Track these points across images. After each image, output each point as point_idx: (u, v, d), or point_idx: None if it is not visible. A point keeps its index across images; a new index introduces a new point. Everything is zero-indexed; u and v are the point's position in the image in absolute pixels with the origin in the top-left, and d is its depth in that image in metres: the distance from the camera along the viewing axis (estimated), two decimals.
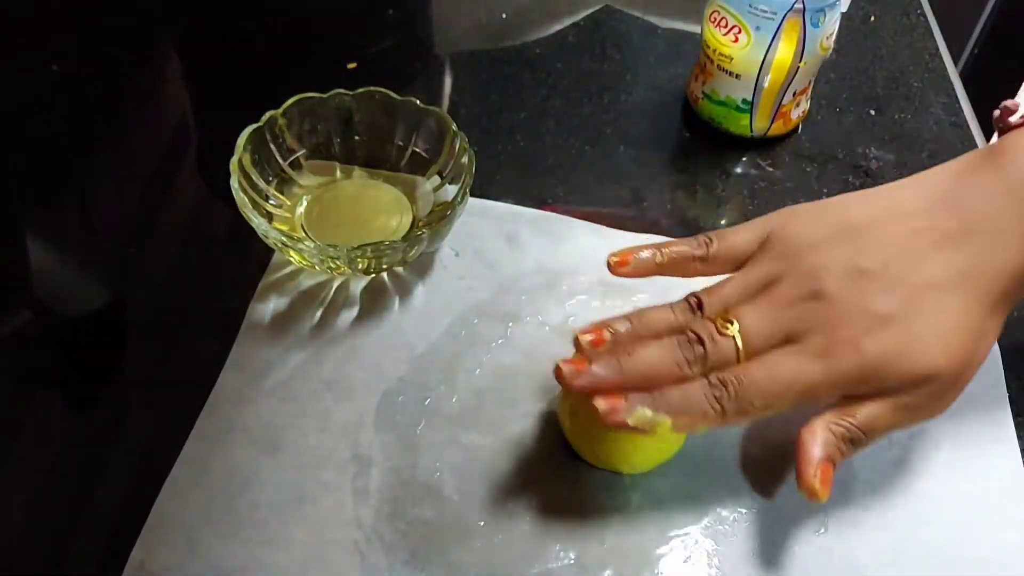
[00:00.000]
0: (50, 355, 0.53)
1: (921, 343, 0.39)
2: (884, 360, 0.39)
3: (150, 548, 0.44)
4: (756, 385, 0.39)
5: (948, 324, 0.39)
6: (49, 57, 0.64)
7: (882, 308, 0.39)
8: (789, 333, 0.40)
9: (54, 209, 0.61)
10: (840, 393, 0.41)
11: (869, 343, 0.39)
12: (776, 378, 0.40)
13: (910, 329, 0.39)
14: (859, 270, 0.40)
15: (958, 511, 0.46)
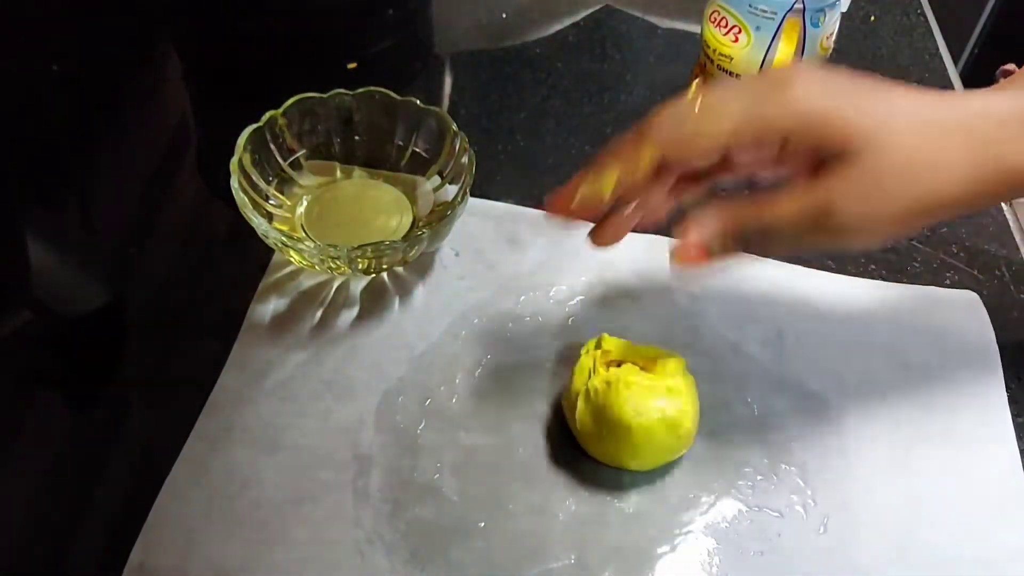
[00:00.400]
0: (50, 355, 0.53)
1: (862, 109, 0.38)
2: (811, 116, 0.38)
3: (150, 548, 0.44)
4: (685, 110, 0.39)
5: (894, 106, 0.39)
6: (49, 57, 0.64)
7: (839, 81, 0.39)
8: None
9: (54, 209, 0.61)
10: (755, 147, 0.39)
11: (801, 95, 0.38)
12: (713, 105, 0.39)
13: (858, 94, 0.39)
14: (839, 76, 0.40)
15: (958, 511, 0.46)
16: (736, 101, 0.39)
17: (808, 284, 0.55)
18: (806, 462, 0.48)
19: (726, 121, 0.38)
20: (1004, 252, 0.58)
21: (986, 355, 0.52)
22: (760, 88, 0.39)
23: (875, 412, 0.50)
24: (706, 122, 0.39)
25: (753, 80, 0.41)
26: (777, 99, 0.38)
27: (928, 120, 0.38)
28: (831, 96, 0.38)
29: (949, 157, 0.38)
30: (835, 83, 0.39)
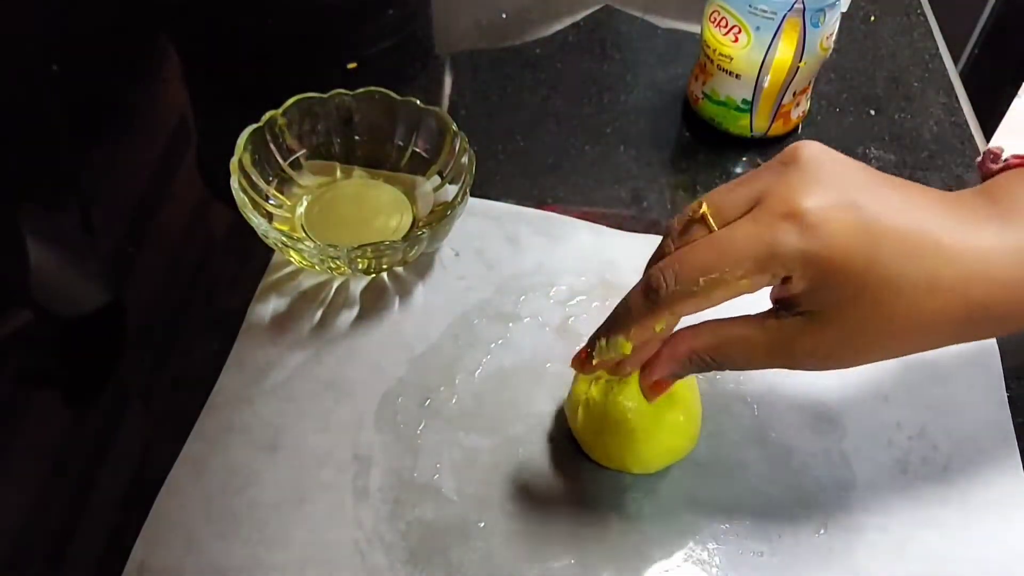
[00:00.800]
0: (50, 355, 0.53)
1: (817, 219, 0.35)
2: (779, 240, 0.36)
3: (150, 547, 0.44)
4: (697, 258, 0.37)
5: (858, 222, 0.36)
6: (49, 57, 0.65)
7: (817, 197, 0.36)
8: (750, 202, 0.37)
9: (54, 209, 0.61)
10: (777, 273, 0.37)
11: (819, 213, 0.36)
12: (712, 252, 0.37)
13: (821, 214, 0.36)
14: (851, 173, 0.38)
15: (958, 512, 0.46)
16: (748, 239, 0.36)
17: None
18: (806, 462, 0.48)
19: (740, 270, 0.36)
20: None
21: (986, 356, 0.52)
22: (772, 218, 0.36)
23: (875, 412, 0.50)
24: (721, 276, 0.36)
25: (763, 201, 0.36)
26: (793, 238, 0.35)
27: (931, 276, 0.36)
28: (851, 238, 0.35)
29: (938, 320, 0.37)
30: (855, 213, 0.36)
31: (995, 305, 0.37)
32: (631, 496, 0.46)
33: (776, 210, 0.36)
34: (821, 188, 0.36)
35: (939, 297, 0.36)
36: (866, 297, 0.36)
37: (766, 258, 0.36)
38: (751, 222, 0.36)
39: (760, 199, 0.37)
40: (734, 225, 0.37)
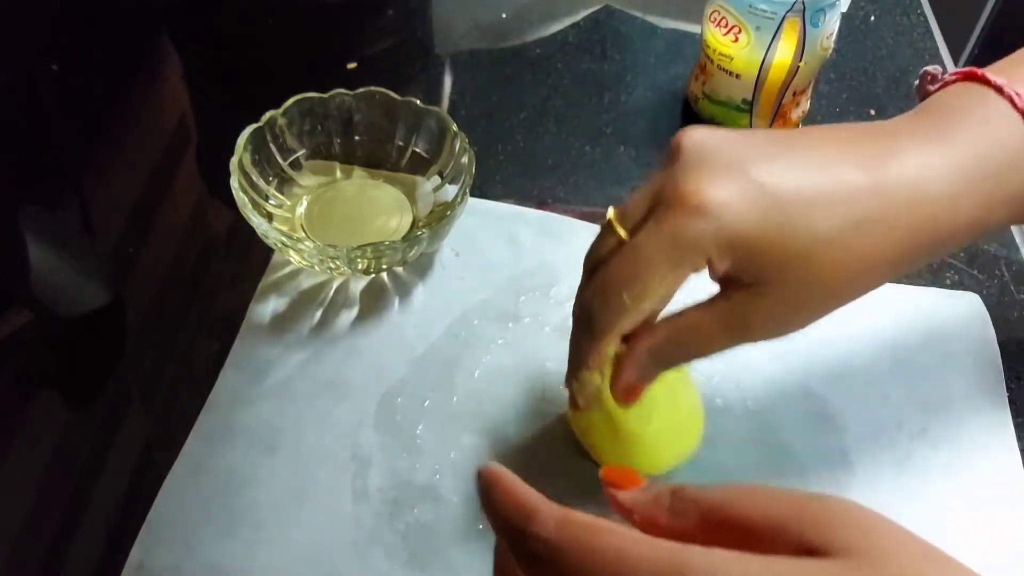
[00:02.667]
0: (50, 355, 0.53)
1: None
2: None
3: (149, 547, 0.44)
4: (612, 280, 0.37)
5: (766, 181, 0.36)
6: (49, 57, 0.65)
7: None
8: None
9: (54, 209, 0.61)
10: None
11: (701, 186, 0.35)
12: (626, 265, 0.37)
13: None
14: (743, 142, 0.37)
15: (958, 512, 0.46)
16: (655, 242, 0.36)
17: None
18: (806, 463, 0.47)
19: (658, 275, 0.36)
20: (1004, 252, 0.58)
21: (986, 356, 0.52)
22: (671, 214, 0.36)
23: (876, 412, 0.50)
24: (644, 286, 0.36)
25: (659, 201, 0.36)
26: (696, 227, 0.35)
27: (855, 219, 0.36)
28: (752, 211, 0.35)
29: (876, 256, 0.37)
30: (749, 186, 0.35)
31: (941, 224, 0.37)
32: None
33: (672, 205, 0.36)
34: (709, 172, 0.36)
35: (869, 235, 0.36)
36: (796, 260, 0.36)
37: (678, 254, 0.36)
38: (653, 224, 0.36)
39: (656, 198, 0.37)
40: (639, 232, 0.37)
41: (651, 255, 0.36)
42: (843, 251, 0.36)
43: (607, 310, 0.38)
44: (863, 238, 0.36)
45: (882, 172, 0.36)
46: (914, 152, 0.37)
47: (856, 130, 0.39)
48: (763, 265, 0.36)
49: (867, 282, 0.38)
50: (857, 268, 0.37)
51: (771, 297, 0.37)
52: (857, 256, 0.36)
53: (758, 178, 0.36)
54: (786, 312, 0.38)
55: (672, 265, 0.36)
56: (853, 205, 0.36)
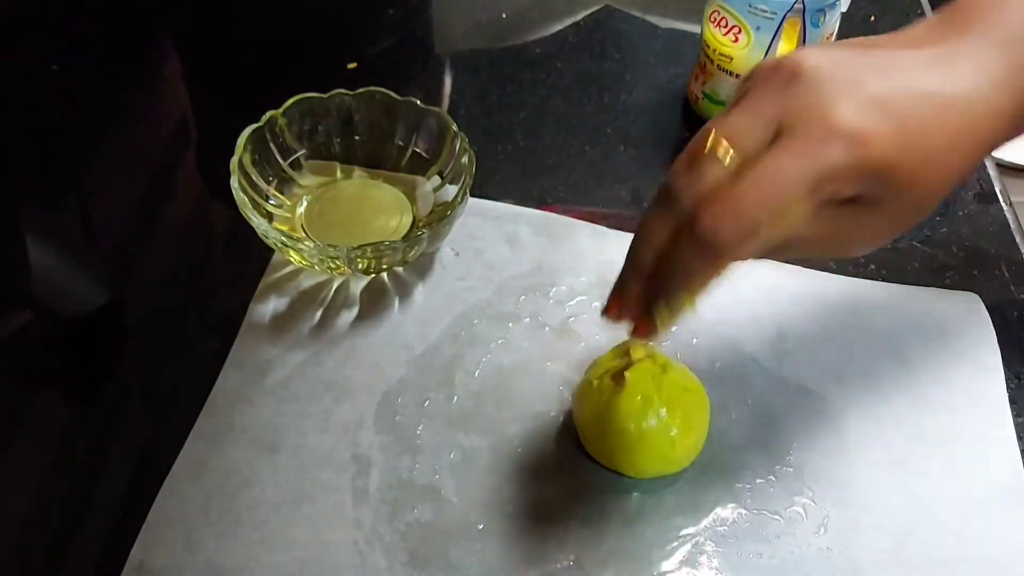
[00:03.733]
0: (50, 355, 0.53)
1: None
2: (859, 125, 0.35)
3: (149, 547, 0.44)
4: (745, 201, 0.35)
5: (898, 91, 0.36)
6: (49, 57, 0.65)
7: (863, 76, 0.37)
8: (778, 130, 0.36)
9: (54, 209, 0.61)
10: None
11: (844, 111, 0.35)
12: (774, 182, 0.35)
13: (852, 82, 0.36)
14: (844, 54, 0.38)
15: (958, 511, 0.46)
16: (796, 170, 0.35)
17: (808, 284, 0.55)
18: (805, 463, 0.48)
19: (797, 202, 0.35)
20: (1004, 252, 0.58)
21: (986, 355, 0.52)
22: (812, 142, 0.35)
23: (875, 412, 0.50)
24: (781, 210, 0.35)
25: (791, 127, 0.35)
26: (840, 155, 0.34)
27: (949, 137, 0.36)
28: (887, 136, 0.35)
29: (960, 168, 0.37)
30: (876, 109, 0.35)
31: (999, 135, 0.38)
32: (631, 497, 0.46)
33: (812, 134, 0.35)
34: (841, 96, 0.35)
35: (958, 150, 0.37)
36: (917, 178, 0.36)
37: (820, 182, 0.35)
38: (790, 152, 0.35)
39: (783, 124, 0.36)
40: (772, 157, 0.35)
41: (791, 181, 0.35)
42: (942, 165, 0.37)
43: (739, 234, 0.35)
44: (955, 151, 0.37)
45: (961, 87, 0.37)
46: (976, 63, 0.38)
47: (924, 39, 0.40)
48: (890, 186, 0.36)
49: (947, 189, 0.38)
50: (951, 181, 0.37)
51: (883, 215, 0.37)
52: (951, 168, 0.37)
53: (881, 99, 0.36)
54: (889, 228, 0.38)
55: (811, 191, 0.35)
56: (950, 121, 0.36)
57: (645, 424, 0.44)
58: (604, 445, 0.46)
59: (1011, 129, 0.38)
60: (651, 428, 0.44)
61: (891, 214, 0.37)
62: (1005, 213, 0.61)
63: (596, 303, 0.54)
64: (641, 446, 0.44)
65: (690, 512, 0.46)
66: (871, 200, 0.36)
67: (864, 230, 0.38)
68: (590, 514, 0.45)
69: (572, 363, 0.51)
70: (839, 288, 0.55)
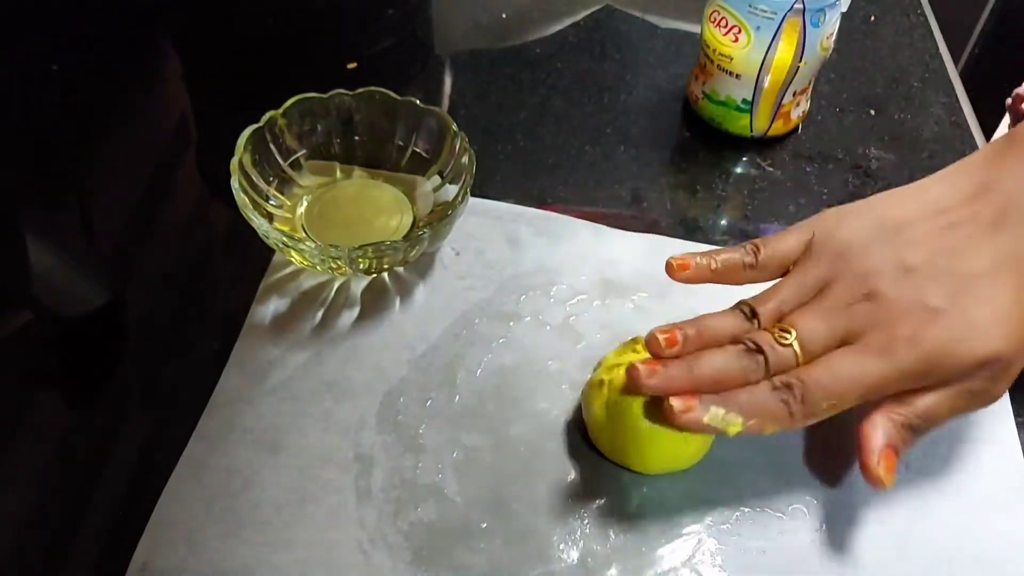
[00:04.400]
0: (50, 355, 0.53)
1: (978, 329, 0.40)
2: (943, 350, 0.40)
3: (153, 548, 0.43)
4: (820, 385, 0.40)
5: (1002, 307, 0.40)
6: (49, 57, 0.64)
7: (935, 301, 0.40)
8: (846, 335, 0.41)
9: (54, 209, 0.61)
10: (903, 388, 0.41)
11: (927, 335, 0.40)
12: (839, 378, 0.40)
13: (965, 317, 0.40)
14: (907, 267, 0.41)
15: (959, 509, 0.46)
16: (871, 375, 0.40)
17: None
18: (809, 460, 0.48)
19: (863, 397, 0.41)
20: None
21: None
22: (869, 343, 0.41)
23: None
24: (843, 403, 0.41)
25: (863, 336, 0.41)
26: (894, 354, 0.40)
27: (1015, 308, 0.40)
28: (937, 318, 0.40)
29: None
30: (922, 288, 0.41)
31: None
32: (633, 496, 0.46)
33: (881, 344, 0.40)
34: (903, 307, 0.41)
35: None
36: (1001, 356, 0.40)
37: (890, 383, 0.41)
38: (865, 359, 0.41)
39: (854, 333, 0.41)
40: (845, 357, 0.41)
41: (863, 383, 0.41)
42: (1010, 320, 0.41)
43: (806, 407, 0.41)
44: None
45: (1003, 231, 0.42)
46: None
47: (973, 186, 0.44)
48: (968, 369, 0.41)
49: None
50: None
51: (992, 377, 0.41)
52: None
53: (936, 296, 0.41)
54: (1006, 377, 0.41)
55: (880, 392, 0.42)
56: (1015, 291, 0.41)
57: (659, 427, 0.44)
58: (615, 442, 0.46)
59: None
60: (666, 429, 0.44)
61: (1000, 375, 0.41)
62: None
63: (596, 302, 0.54)
64: (653, 443, 0.44)
65: (693, 509, 0.46)
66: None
67: (999, 385, 0.42)
68: (593, 512, 0.45)
69: (574, 362, 0.51)
70: None
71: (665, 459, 0.46)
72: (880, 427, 0.41)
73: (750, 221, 0.60)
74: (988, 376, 0.40)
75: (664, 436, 0.44)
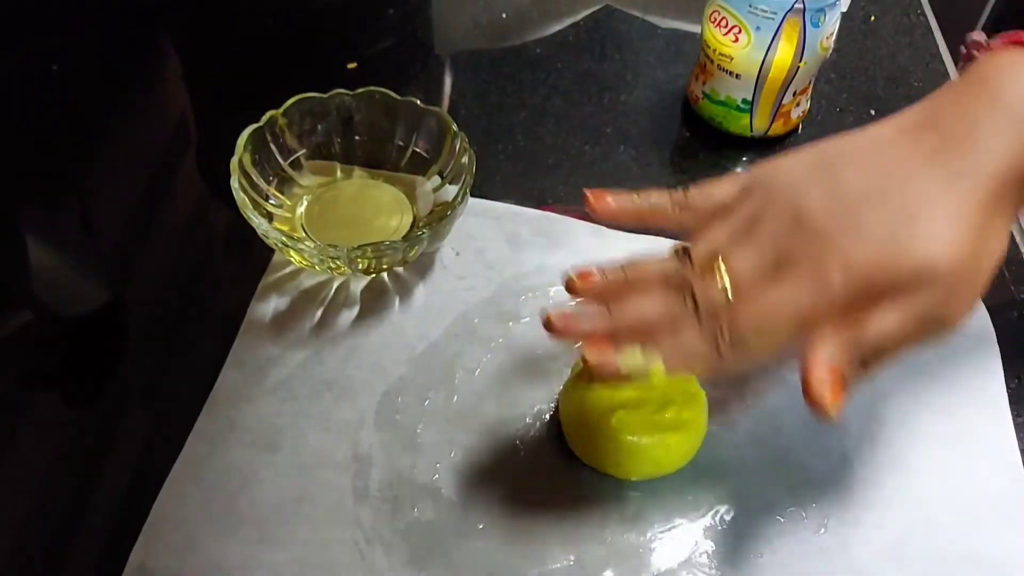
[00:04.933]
0: (50, 355, 0.53)
1: (914, 239, 0.37)
2: (876, 266, 0.37)
3: (150, 547, 0.44)
4: (748, 319, 0.38)
5: (938, 224, 0.37)
6: (49, 57, 0.64)
7: (866, 221, 0.38)
8: (777, 266, 0.39)
9: (54, 209, 0.61)
10: (841, 313, 0.38)
11: (858, 255, 0.37)
12: (768, 310, 0.38)
13: (897, 233, 0.37)
14: (839, 193, 0.39)
15: (958, 511, 0.46)
16: (787, 304, 0.38)
17: None
18: (805, 463, 0.48)
19: (783, 333, 0.38)
20: None
21: (986, 356, 0.52)
22: (800, 272, 0.38)
23: (876, 412, 0.50)
24: (761, 343, 0.39)
25: (784, 256, 0.39)
26: (825, 280, 0.37)
27: (970, 218, 0.37)
28: (868, 237, 0.37)
29: (994, 230, 0.38)
30: (855, 211, 0.38)
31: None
32: (631, 496, 0.46)
33: (812, 269, 0.38)
34: (832, 230, 0.38)
35: (985, 226, 0.38)
36: (935, 270, 0.37)
37: (824, 309, 0.38)
38: (797, 288, 0.38)
39: (786, 263, 0.38)
40: (775, 288, 0.38)
41: (785, 313, 0.39)
42: (967, 251, 0.37)
43: (735, 342, 0.38)
44: (983, 230, 0.38)
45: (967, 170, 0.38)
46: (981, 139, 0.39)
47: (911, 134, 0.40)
48: (904, 280, 0.38)
49: (997, 249, 0.39)
50: (982, 251, 0.38)
51: (932, 294, 0.37)
52: (979, 243, 0.38)
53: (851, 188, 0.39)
54: (955, 299, 0.38)
55: (802, 318, 0.39)
56: (960, 209, 0.38)
57: (639, 436, 0.44)
58: (593, 453, 0.46)
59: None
60: (646, 443, 0.44)
61: (943, 292, 0.38)
62: None
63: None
64: (633, 455, 0.45)
65: (690, 511, 0.46)
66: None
67: (944, 307, 0.38)
68: (590, 513, 0.45)
69: (572, 363, 0.51)
70: None
71: (646, 468, 0.46)
72: (821, 347, 0.38)
73: None
74: (931, 295, 0.37)
75: (644, 449, 0.44)
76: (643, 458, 0.45)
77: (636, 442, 0.44)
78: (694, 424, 0.46)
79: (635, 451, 0.44)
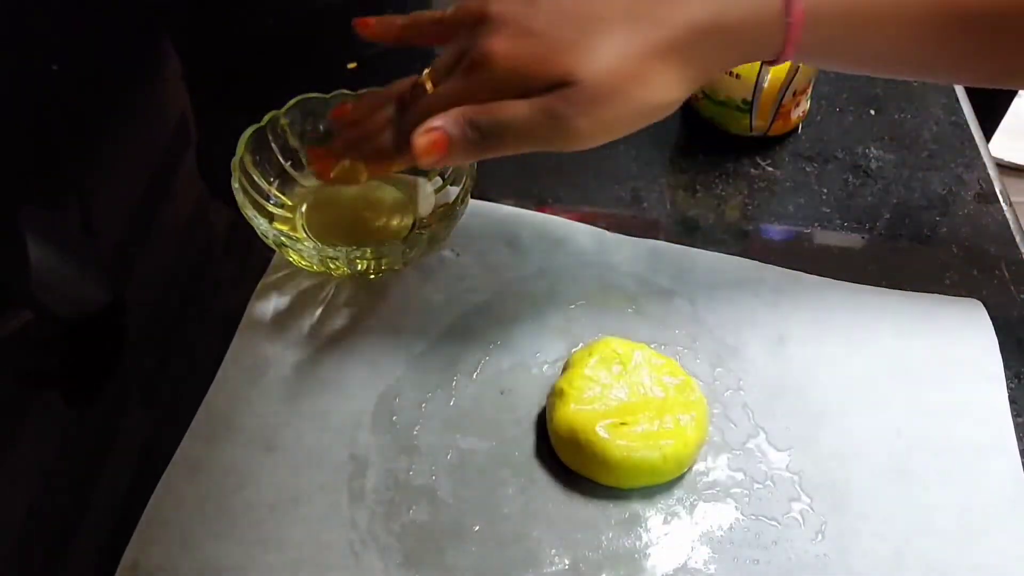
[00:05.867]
0: (50, 355, 0.53)
1: (565, 51, 0.41)
2: (528, 60, 0.41)
3: (144, 547, 0.44)
4: (421, 107, 0.44)
5: (606, 44, 0.41)
6: (49, 57, 0.64)
7: (537, 25, 0.41)
8: (464, 58, 0.43)
9: (54, 209, 0.61)
10: (491, 97, 0.42)
11: (518, 49, 0.41)
12: (438, 95, 0.44)
13: (558, 40, 0.41)
14: (531, 2, 0.43)
15: (956, 518, 0.46)
16: (447, 98, 0.43)
17: (809, 291, 0.55)
18: (804, 469, 0.47)
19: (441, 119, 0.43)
20: (1004, 252, 0.58)
21: (988, 364, 0.51)
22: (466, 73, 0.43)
23: (876, 418, 0.49)
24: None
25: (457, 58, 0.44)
26: (477, 77, 0.42)
27: (635, 51, 0.41)
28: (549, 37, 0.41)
29: (658, 72, 0.41)
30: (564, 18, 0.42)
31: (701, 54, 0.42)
32: (627, 501, 0.46)
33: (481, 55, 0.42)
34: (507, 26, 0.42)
35: (653, 60, 0.41)
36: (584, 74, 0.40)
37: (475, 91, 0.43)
38: (467, 74, 0.43)
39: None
40: (453, 78, 0.44)
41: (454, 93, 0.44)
42: (624, 70, 0.41)
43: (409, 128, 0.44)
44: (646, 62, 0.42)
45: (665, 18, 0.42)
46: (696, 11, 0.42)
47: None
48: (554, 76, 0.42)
49: (652, 92, 0.42)
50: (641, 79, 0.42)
51: (572, 95, 0.41)
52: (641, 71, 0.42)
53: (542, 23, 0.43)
54: (588, 108, 0.41)
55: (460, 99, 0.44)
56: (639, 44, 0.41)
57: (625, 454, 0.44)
58: (581, 466, 0.46)
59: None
60: (634, 459, 0.44)
61: (582, 96, 0.41)
62: (1005, 213, 0.61)
63: (595, 306, 0.54)
64: (621, 469, 0.45)
65: (686, 517, 0.46)
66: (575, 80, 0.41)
67: (570, 108, 0.41)
68: (586, 518, 0.45)
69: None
70: (841, 294, 0.55)
71: (641, 479, 0.46)
72: (442, 115, 0.42)
73: (750, 221, 0.60)
74: (566, 99, 0.40)
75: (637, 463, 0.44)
76: (637, 470, 0.45)
77: (628, 456, 0.44)
78: (691, 432, 0.46)
79: (628, 463, 0.44)
